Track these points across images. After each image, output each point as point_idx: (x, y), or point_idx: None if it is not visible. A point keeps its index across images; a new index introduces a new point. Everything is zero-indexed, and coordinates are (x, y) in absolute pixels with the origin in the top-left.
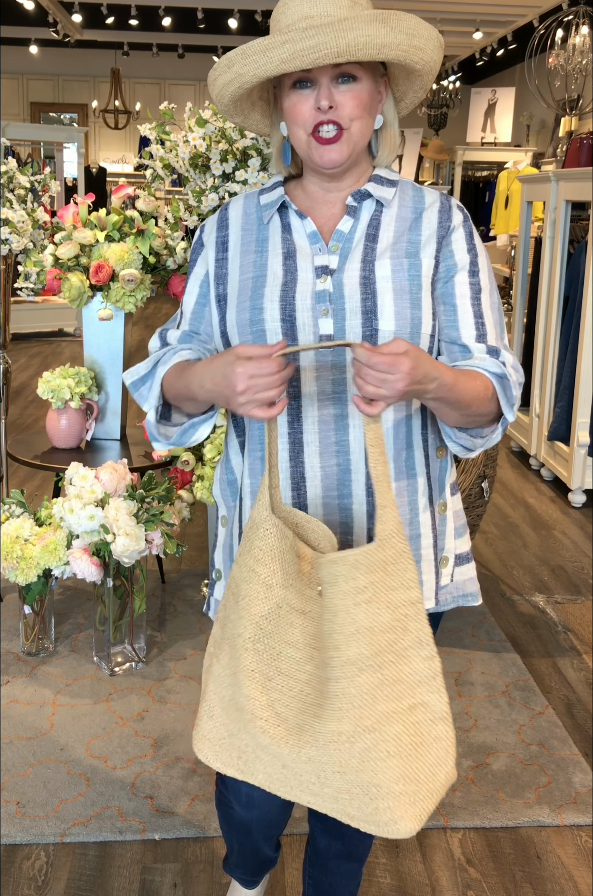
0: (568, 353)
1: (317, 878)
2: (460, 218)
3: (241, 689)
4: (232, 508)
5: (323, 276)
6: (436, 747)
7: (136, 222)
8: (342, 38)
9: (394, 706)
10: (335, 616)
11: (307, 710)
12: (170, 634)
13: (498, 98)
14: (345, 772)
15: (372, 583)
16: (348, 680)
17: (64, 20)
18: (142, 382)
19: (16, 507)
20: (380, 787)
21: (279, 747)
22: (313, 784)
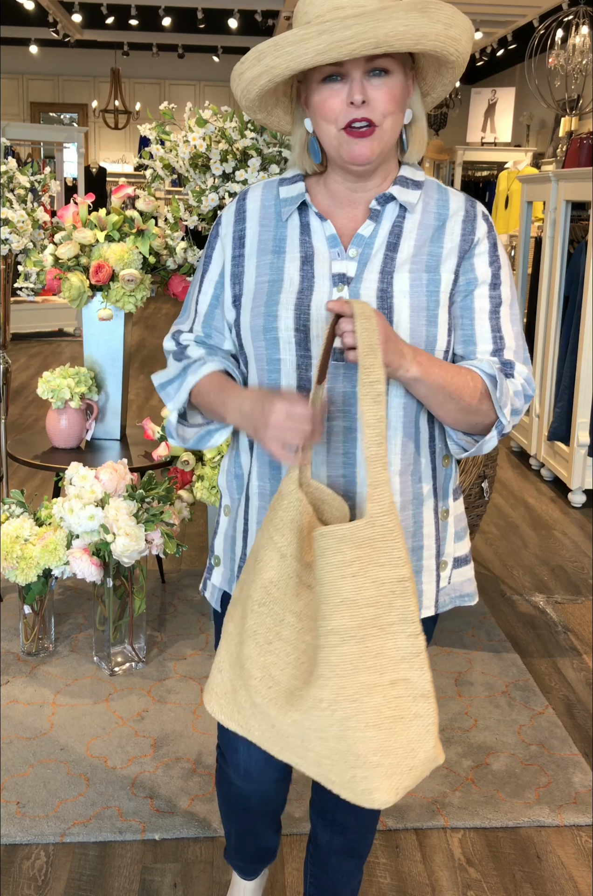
0: (568, 353)
1: (318, 876)
2: (485, 229)
3: (244, 648)
4: (235, 500)
5: (339, 286)
6: (417, 724)
7: (135, 222)
8: (381, 27)
9: (376, 679)
10: (323, 587)
11: (299, 677)
12: (170, 634)
13: (498, 98)
14: (326, 738)
15: (358, 557)
16: (330, 648)
17: (64, 20)
18: (169, 384)
19: (16, 507)
20: (357, 757)
21: (268, 708)
22: (298, 747)
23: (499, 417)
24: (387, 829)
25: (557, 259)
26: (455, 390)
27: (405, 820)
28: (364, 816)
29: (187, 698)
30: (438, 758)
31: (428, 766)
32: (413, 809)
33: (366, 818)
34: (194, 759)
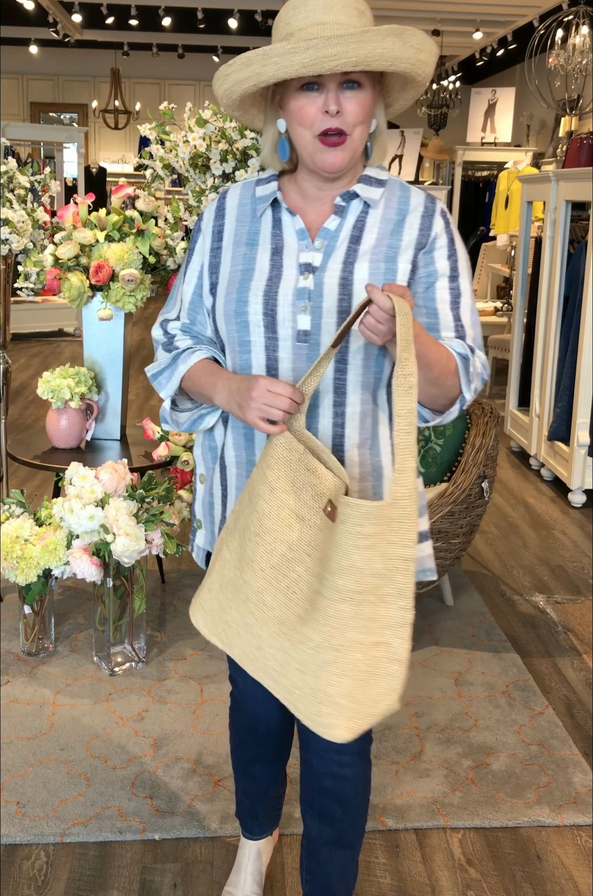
0: (568, 353)
1: (312, 870)
2: (442, 225)
3: (242, 574)
4: (210, 469)
5: (305, 274)
6: (386, 682)
7: (135, 222)
8: (362, 48)
9: (362, 637)
10: (336, 548)
11: (291, 608)
12: (170, 634)
13: (498, 98)
14: (304, 672)
15: (375, 533)
16: (330, 602)
17: (64, 20)
18: (161, 374)
19: (16, 507)
20: (327, 696)
21: (261, 629)
22: (275, 671)
23: (464, 393)
24: (387, 829)
25: (557, 259)
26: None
27: (405, 820)
28: (349, 804)
29: (187, 698)
30: (395, 708)
31: (385, 715)
32: (413, 809)
33: (351, 806)
34: (194, 759)
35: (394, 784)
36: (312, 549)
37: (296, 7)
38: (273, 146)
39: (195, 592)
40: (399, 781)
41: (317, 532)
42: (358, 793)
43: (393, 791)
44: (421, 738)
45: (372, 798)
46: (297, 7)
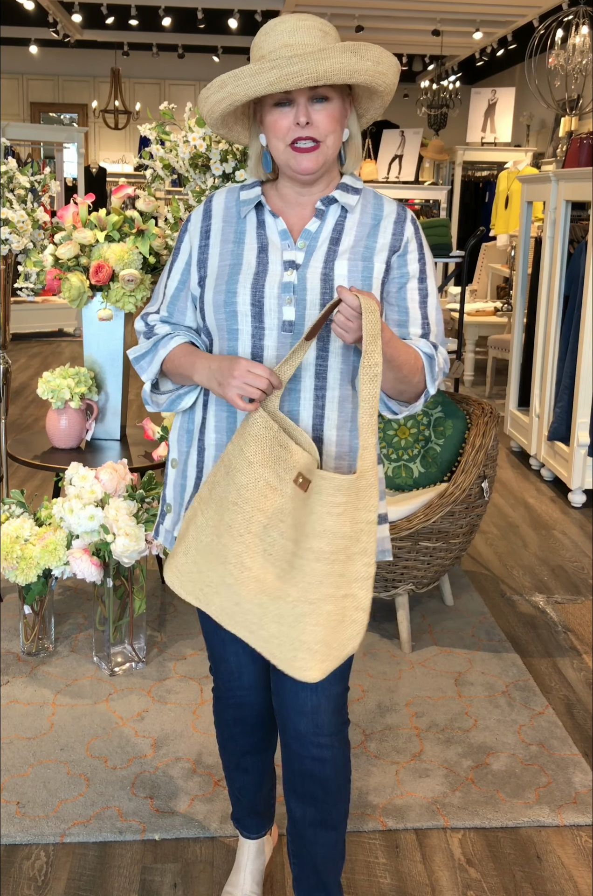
0: (568, 353)
1: (298, 854)
2: (412, 231)
3: (220, 539)
4: (184, 454)
5: (289, 270)
6: (352, 628)
7: (135, 222)
8: (321, 65)
9: (333, 591)
10: (311, 514)
11: (268, 568)
12: (170, 634)
13: (498, 98)
14: (281, 623)
15: (345, 502)
16: (306, 561)
17: (64, 20)
18: (142, 357)
19: (16, 507)
20: (303, 643)
21: (240, 588)
22: (253, 624)
23: (428, 388)
24: (386, 829)
25: (557, 259)
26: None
27: (405, 820)
28: (330, 785)
29: (187, 698)
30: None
31: (348, 655)
32: (413, 809)
33: (333, 787)
34: (194, 759)
35: (394, 784)
36: (285, 515)
37: (267, 32)
38: (257, 159)
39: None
40: (399, 781)
41: (289, 500)
42: (338, 773)
43: (393, 791)
44: (421, 738)
45: (372, 798)
46: (268, 32)
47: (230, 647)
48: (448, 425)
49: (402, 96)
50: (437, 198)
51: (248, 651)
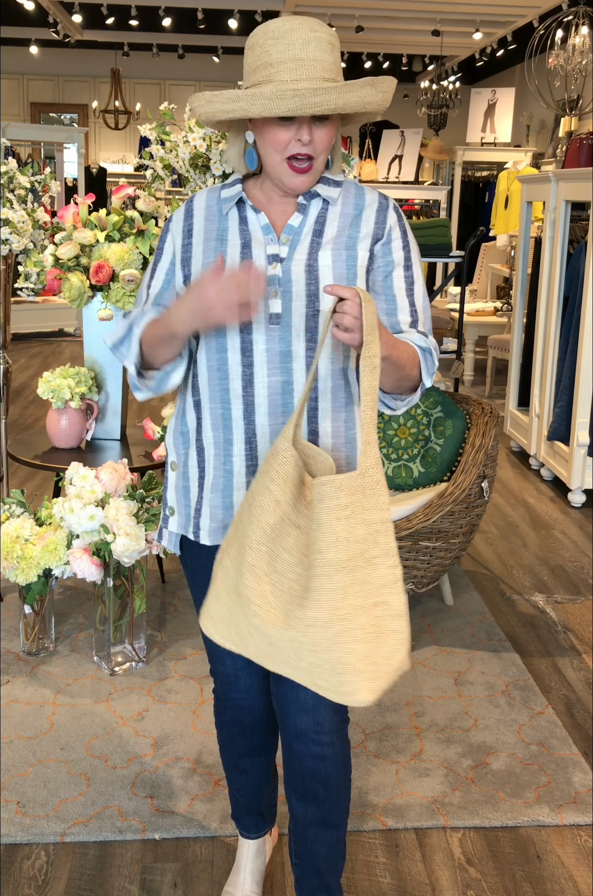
0: (568, 353)
1: (300, 852)
2: (395, 218)
3: (243, 579)
4: (182, 455)
5: (274, 263)
6: (393, 638)
7: (136, 222)
8: (341, 98)
9: (362, 602)
10: (320, 526)
11: (293, 602)
12: (170, 634)
13: (498, 98)
14: (318, 651)
15: (351, 503)
16: (327, 577)
17: (64, 20)
18: (121, 343)
19: (16, 507)
20: (345, 665)
21: (267, 628)
22: (292, 659)
23: (424, 381)
24: (387, 828)
25: (557, 259)
26: (403, 364)
27: (405, 819)
28: (331, 784)
29: (187, 698)
30: (406, 665)
31: (399, 672)
32: (413, 809)
33: (333, 786)
34: (194, 758)
35: (394, 784)
36: (307, 550)
37: (277, 38)
38: (240, 154)
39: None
40: (399, 781)
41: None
42: (339, 772)
43: (393, 791)
44: (421, 737)
45: (372, 798)
46: (277, 38)
47: (225, 651)
48: (448, 425)
49: (402, 96)
50: (437, 198)
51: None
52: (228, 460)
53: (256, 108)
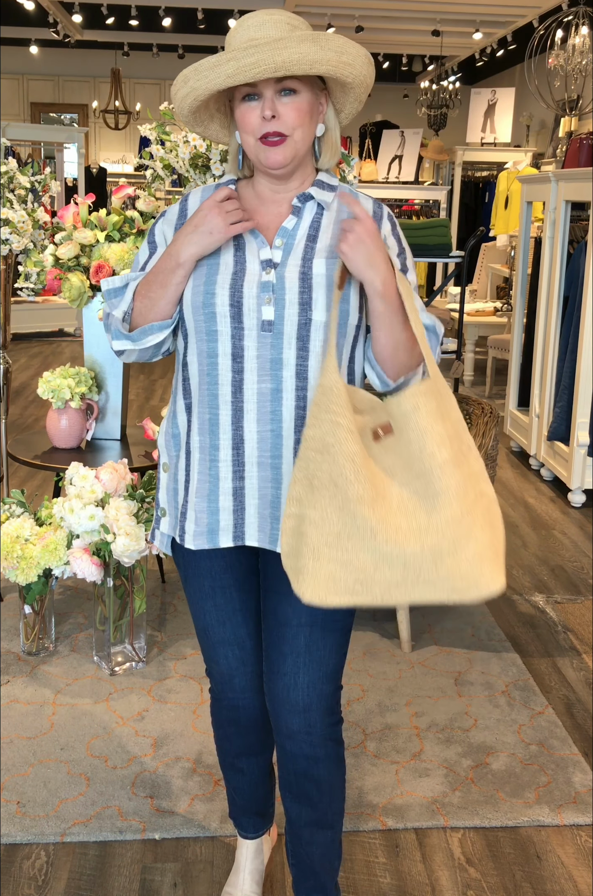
0: (568, 353)
1: (296, 853)
2: (389, 227)
3: (356, 516)
4: (173, 457)
5: (267, 269)
6: (498, 524)
7: (136, 222)
8: (278, 55)
9: (474, 493)
10: (425, 432)
11: (416, 515)
12: (171, 634)
13: (498, 98)
14: (458, 550)
15: (438, 406)
16: (449, 476)
17: (64, 20)
18: (114, 294)
19: (16, 506)
20: (481, 555)
21: (404, 548)
22: (430, 572)
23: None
24: (386, 828)
25: (557, 259)
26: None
27: (405, 820)
28: (324, 784)
29: (187, 698)
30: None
31: (504, 555)
32: (413, 809)
33: (327, 786)
34: (194, 758)
35: (394, 784)
36: (391, 470)
37: (236, 28)
38: (234, 157)
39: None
40: (399, 781)
41: (386, 456)
42: (332, 773)
43: (393, 791)
44: (421, 737)
45: (372, 798)
46: (237, 28)
47: (220, 651)
48: None
49: (402, 96)
50: (437, 198)
51: (238, 655)
52: (214, 465)
53: (201, 81)
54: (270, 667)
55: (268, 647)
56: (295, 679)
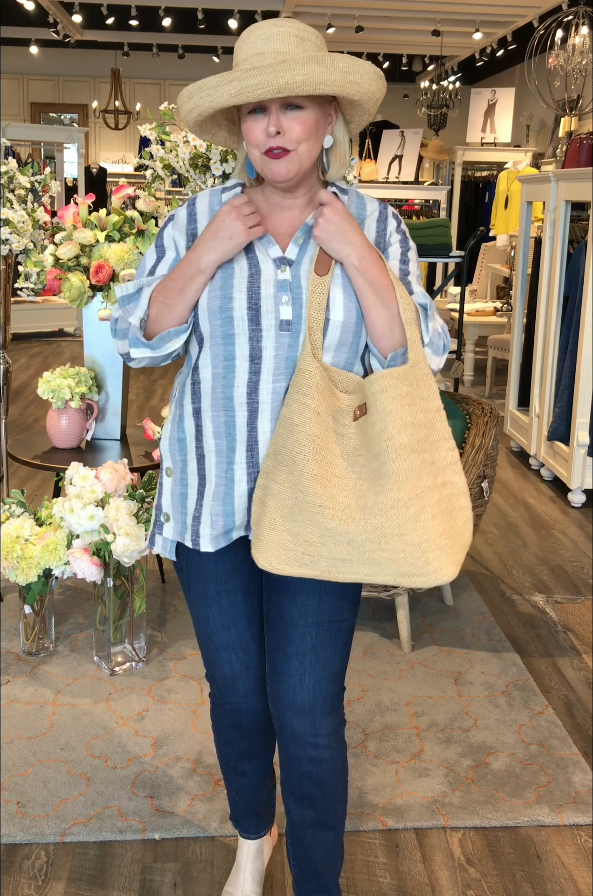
0: (568, 353)
1: (298, 854)
2: (395, 225)
3: (307, 492)
4: (178, 462)
5: (283, 267)
6: (461, 514)
7: (136, 222)
8: (281, 76)
9: (432, 480)
10: (388, 414)
11: (366, 494)
12: (170, 634)
13: (498, 98)
14: (403, 533)
15: (410, 392)
16: (402, 459)
17: (64, 20)
18: (129, 300)
19: (16, 506)
20: (429, 542)
21: (348, 526)
22: (374, 553)
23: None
24: (386, 828)
25: (557, 259)
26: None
27: (405, 820)
28: (328, 786)
29: (187, 698)
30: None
31: (467, 548)
32: (412, 809)
33: (330, 788)
34: (194, 758)
35: (394, 784)
36: (359, 449)
37: (244, 39)
38: (242, 164)
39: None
40: (399, 781)
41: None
42: (335, 774)
43: (393, 791)
44: (421, 737)
45: (372, 798)
46: (244, 39)
47: (223, 655)
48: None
49: (402, 96)
50: (437, 198)
51: (242, 659)
52: (230, 468)
53: (204, 99)
54: (274, 668)
55: (272, 649)
56: (300, 680)
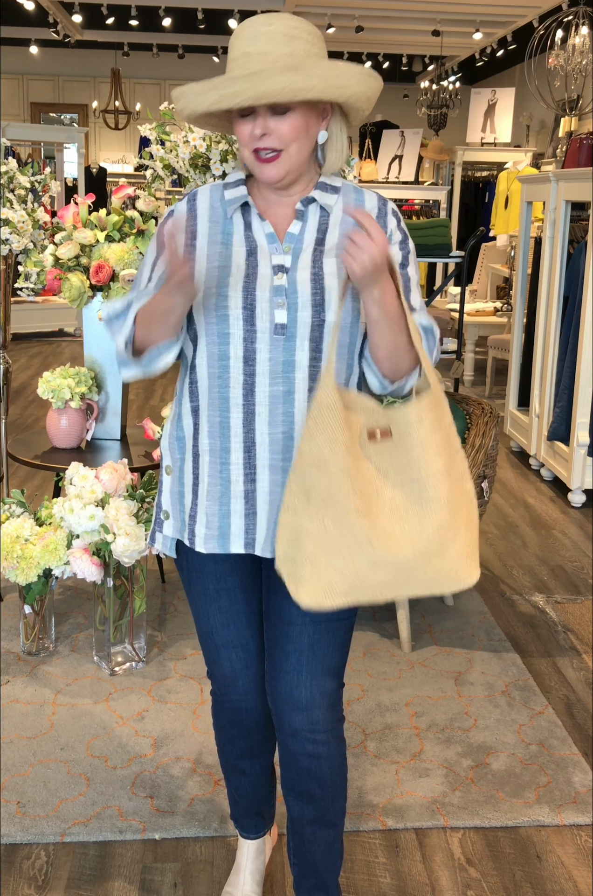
0: (568, 353)
1: (298, 851)
2: (395, 223)
3: (354, 527)
4: (177, 460)
5: (279, 273)
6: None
7: (136, 222)
8: (260, 85)
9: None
10: (425, 443)
11: (408, 520)
12: (171, 634)
13: (498, 98)
14: (445, 552)
15: (436, 416)
16: (442, 484)
17: (64, 20)
18: (116, 318)
19: (16, 506)
20: (463, 553)
21: (397, 553)
22: (418, 572)
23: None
24: (386, 828)
25: (557, 259)
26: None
27: (405, 820)
28: (327, 783)
29: (187, 698)
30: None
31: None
32: (413, 809)
33: (329, 784)
34: (194, 758)
35: (394, 784)
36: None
37: (235, 36)
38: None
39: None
40: (399, 781)
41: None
42: (334, 771)
43: (393, 791)
44: (421, 737)
45: (372, 798)
46: (236, 36)
47: (223, 653)
48: None
49: (402, 96)
50: (437, 198)
51: (242, 657)
52: (225, 468)
53: (189, 104)
54: (273, 665)
55: (271, 646)
56: (298, 676)
